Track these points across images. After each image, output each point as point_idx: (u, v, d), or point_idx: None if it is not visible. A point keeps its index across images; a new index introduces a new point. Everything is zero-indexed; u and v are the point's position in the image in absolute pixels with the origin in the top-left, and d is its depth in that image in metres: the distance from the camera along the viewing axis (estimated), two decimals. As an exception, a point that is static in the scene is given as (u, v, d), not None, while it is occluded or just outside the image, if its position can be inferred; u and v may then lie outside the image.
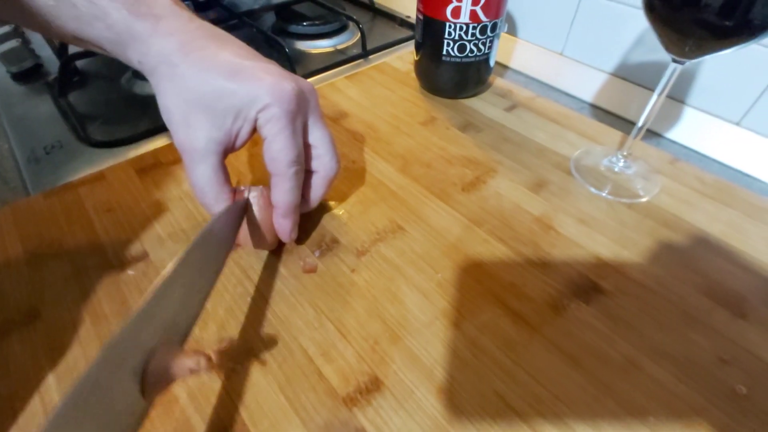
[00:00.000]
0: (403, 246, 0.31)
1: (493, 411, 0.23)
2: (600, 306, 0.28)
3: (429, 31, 0.42)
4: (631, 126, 0.36)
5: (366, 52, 0.55)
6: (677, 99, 0.43)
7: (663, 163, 0.39)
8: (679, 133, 0.44)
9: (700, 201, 0.35)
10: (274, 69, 0.27)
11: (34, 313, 0.27)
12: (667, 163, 0.39)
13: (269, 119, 0.25)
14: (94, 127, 0.43)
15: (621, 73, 0.47)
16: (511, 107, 0.46)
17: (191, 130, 0.25)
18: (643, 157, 0.39)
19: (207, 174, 0.26)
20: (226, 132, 0.26)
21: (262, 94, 0.25)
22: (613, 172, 0.37)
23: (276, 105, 0.25)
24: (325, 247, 0.31)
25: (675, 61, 0.30)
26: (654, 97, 0.33)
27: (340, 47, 0.58)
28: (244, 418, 0.22)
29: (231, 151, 0.27)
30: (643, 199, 0.35)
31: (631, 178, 0.37)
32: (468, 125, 0.43)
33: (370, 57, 0.56)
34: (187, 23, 0.26)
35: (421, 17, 0.42)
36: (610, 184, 0.36)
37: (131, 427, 0.17)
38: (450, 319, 0.27)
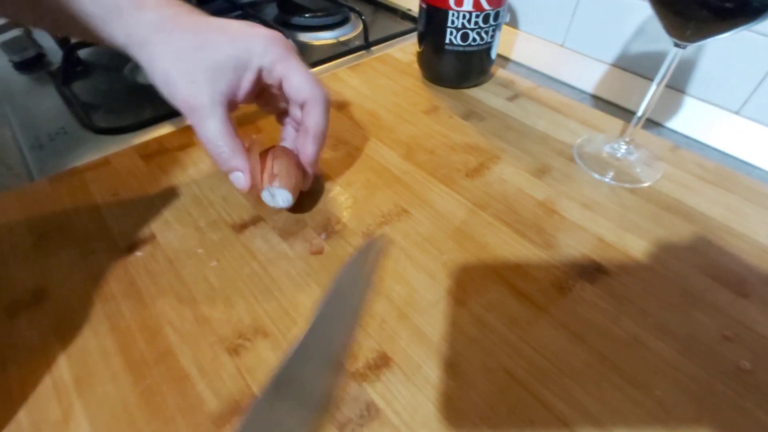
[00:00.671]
0: (408, 229, 0.31)
1: (500, 384, 0.23)
2: (604, 286, 0.28)
3: (432, 21, 0.42)
4: (632, 115, 0.36)
5: (368, 44, 0.55)
6: (677, 89, 0.44)
7: (664, 151, 0.39)
8: (680, 122, 0.45)
9: (701, 186, 0.36)
10: (258, 24, 0.29)
11: (42, 294, 0.27)
12: (668, 150, 0.39)
13: (277, 59, 0.28)
14: (98, 115, 0.43)
15: (621, 64, 0.47)
16: (513, 97, 0.46)
17: (194, 85, 0.26)
18: (644, 145, 0.39)
19: (218, 127, 0.27)
20: (228, 83, 0.27)
21: (258, 42, 0.27)
22: (615, 159, 0.37)
23: (277, 46, 0.28)
24: (331, 230, 0.31)
25: (676, 45, 0.30)
26: (655, 82, 0.33)
27: (342, 39, 0.58)
28: (256, 393, 0.22)
29: (234, 105, 0.28)
30: (645, 184, 0.35)
31: (633, 164, 0.37)
32: (471, 114, 0.44)
33: (372, 49, 0.56)
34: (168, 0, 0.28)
35: (424, 6, 0.43)
36: (613, 170, 0.36)
37: None
38: (456, 298, 0.27)
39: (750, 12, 0.25)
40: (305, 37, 0.58)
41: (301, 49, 0.56)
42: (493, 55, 0.46)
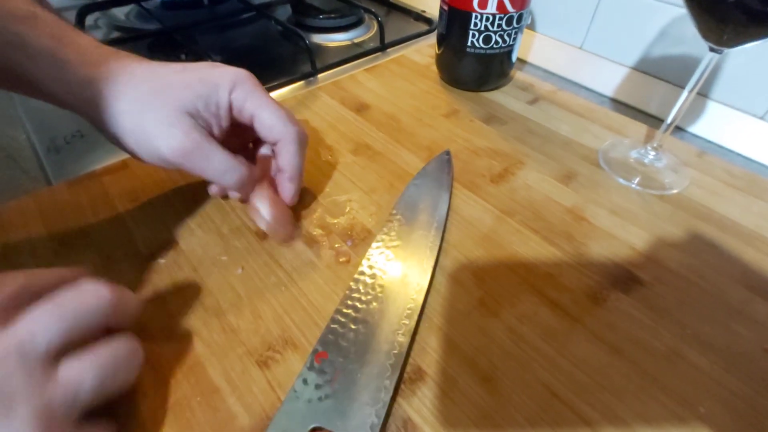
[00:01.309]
0: (435, 236, 0.31)
1: (539, 399, 0.22)
2: (639, 296, 0.27)
3: (454, 23, 0.42)
4: (653, 120, 0.35)
5: (384, 46, 0.55)
6: (701, 93, 0.43)
7: (691, 156, 0.39)
8: (703, 127, 0.44)
9: (730, 193, 0.35)
10: (220, 64, 0.28)
11: (64, 301, 0.26)
12: (694, 156, 0.39)
13: (246, 96, 0.27)
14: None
15: (642, 68, 0.46)
16: (533, 100, 0.46)
17: (177, 128, 0.25)
18: (671, 151, 0.39)
19: (225, 156, 0.26)
20: (205, 120, 0.26)
21: (225, 79, 0.26)
22: (642, 164, 0.37)
23: (245, 82, 0.27)
24: (356, 237, 0.30)
25: (712, 50, 0.29)
26: (687, 89, 0.32)
27: (357, 41, 0.58)
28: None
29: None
30: (674, 190, 0.35)
31: (661, 170, 0.36)
32: (492, 118, 0.43)
33: (388, 50, 0.55)
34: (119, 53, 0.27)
35: (445, 8, 0.42)
36: (640, 176, 0.36)
37: None
38: (488, 309, 0.26)
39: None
40: (319, 38, 0.58)
41: (315, 50, 0.55)
42: (514, 58, 0.45)
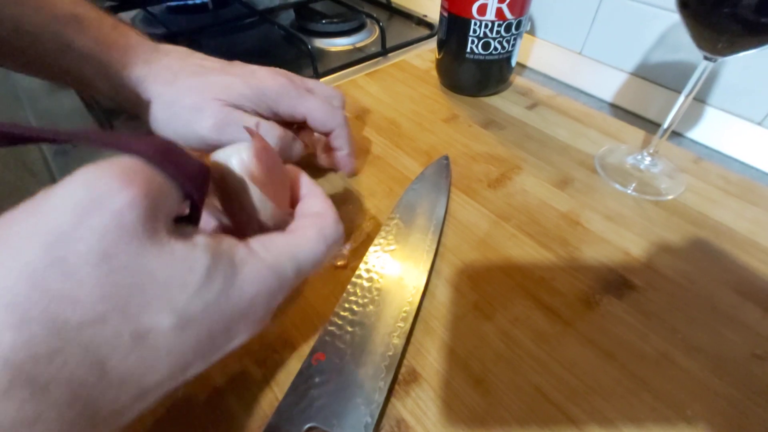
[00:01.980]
0: (432, 240, 0.31)
1: (529, 401, 0.23)
2: (631, 301, 0.28)
3: (453, 29, 0.42)
4: (652, 125, 0.36)
5: (385, 50, 0.55)
6: (698, 98, 0.43)
7: (687, 162, 0.39)
8: (701, 132, 0.44)
9: (725, 199, 0.35)
10: (254, 68, 0.31)
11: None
12: (691, 162, 0.39)
13: (295, 104, 0.30)
14: (119, 121, 0.43)
15: (641, 73, 0.47)
16: (532, 105, 0.46)
17: (210, 107, 0.28)
18: (667, 156, 0.39)
19: (256, 119, 0.29)
20: (251, 109, 0.30)
21: (270, 90, 0.29)
22: (638, 170, 0.37)
23: (290, 91, 0.30)
24: (355, 240, 0.31)
25: (706, 58, 0.30)
26: (683, 95, 0.33)
27: (359, 45, 0.58)
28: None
29: None
30: (670, 196, 0.35)
31: (657, 176, 0.37)
32: (490, 123, 0.43)
33: (389, 55, 0.56)
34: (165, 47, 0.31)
35: (445, 15, 0.43)
36: (636, 182, 0.36)
37: None
38: (482, 312, 0.27)
39: (784, 27, 0.25)
40: (321, 43, 0.58)
41: (317, 55, 0.56)
42: (513, 63, 0.46)
